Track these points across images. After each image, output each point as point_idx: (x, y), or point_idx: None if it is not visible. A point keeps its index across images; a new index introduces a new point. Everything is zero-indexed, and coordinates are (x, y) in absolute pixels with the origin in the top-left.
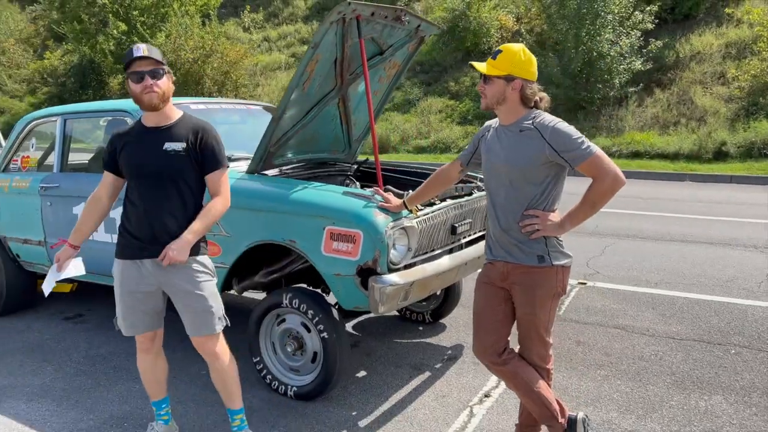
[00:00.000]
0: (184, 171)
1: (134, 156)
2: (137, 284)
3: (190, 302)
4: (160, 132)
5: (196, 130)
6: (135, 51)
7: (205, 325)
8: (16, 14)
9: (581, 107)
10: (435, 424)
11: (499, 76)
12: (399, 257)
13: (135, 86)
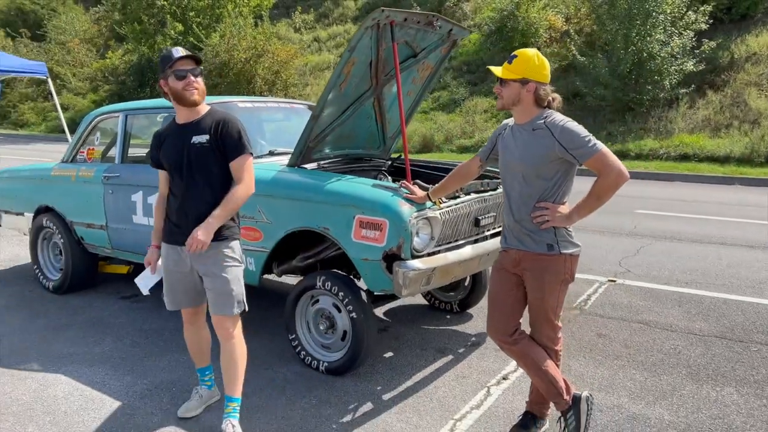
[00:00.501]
0: (209, 161)
1: (169, 151)
2: (176, 265)
3: (215, 283)
4: (189, 127)
5: (218, 121)
6: (175, 52)
7: (225, 306)
8: (81, 15)
9: (629, 108)
10: (453, 400)
11: (515, 79)
12: (422, 245)
13: (177, 83)
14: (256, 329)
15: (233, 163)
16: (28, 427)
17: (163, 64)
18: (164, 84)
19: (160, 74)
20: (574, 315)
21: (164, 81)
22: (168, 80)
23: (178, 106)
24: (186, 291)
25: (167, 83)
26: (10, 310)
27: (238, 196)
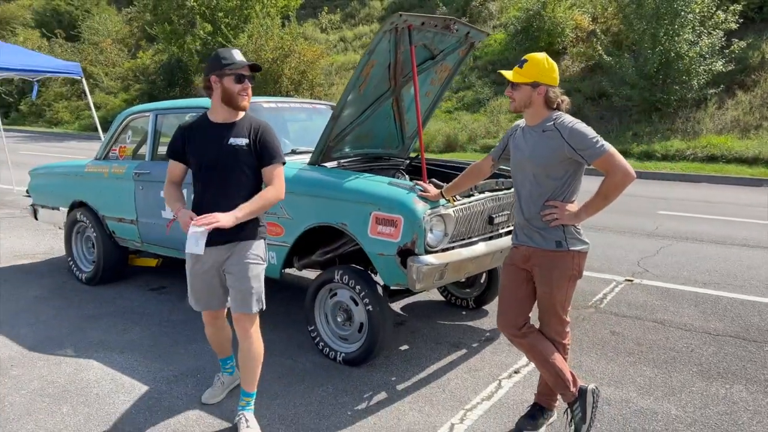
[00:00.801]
0: (245, 164)
1: (202, 149)
2: (202, 265)
3: (237, 281)
4: (225, 128)
5: (256, 127)
6: (238, 56)
7: (245, 304)
8: (113, 16)
9: (656, 109)
10: (464, 392)
11: (526, 83)
12: (435, 241)
13: (234, 86)
14: (278, 321)
15: (268, 168)
16: (62, 407)
17: (221, 62)
18: (216, 81)
19: (211, 70)
20: (589, 313)
21: (217, 78)
22: (223, 80)
23: (220, 105)
24: (211, 292)
25: (221, 82)
26: (46, 300)
27: (268, 197)
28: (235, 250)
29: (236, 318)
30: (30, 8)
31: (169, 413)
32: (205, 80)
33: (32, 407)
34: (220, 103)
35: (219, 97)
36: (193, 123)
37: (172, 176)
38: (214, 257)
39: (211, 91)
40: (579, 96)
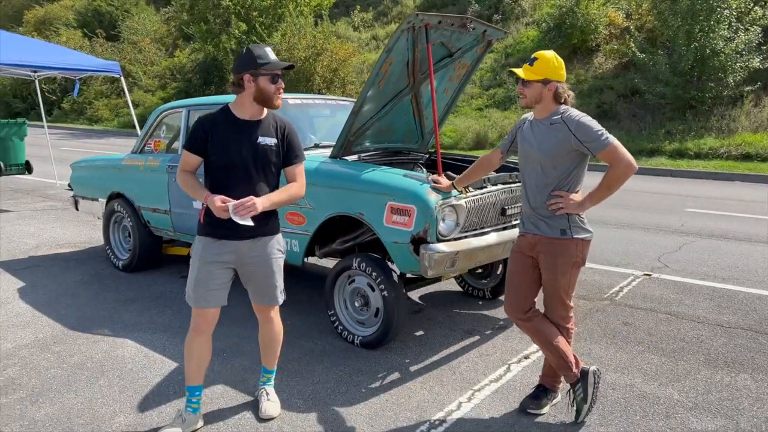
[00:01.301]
0: (273, 164)
1: (229, 146)
2: (218, 256)
3: (264, 275)
4: (253, 125)
5: (282, 126)
6: (272, 54)
7: (272, 296)
8: (152, 16)
9: (691, 106)
10: (474, 374)
11: (537, 80)
12: (447, 230)
13: (270, 86)
14: (299, 306)
15: (292, 167)
16: (100, 380)
17: (255, 61)
18: (250, 80)
19: (245, 67)
20: (604, 305)
21: (251, 77)
22: (258, 79)
23: (251, 102)
24: (221, 286)
25: (256, 81)
26: (86, 285)
27: (292, 192)
28: (258, 244)
29: (261, 309)
30: (72, 9)
31: None
32: (236, 77)
33: (72, 379)
34: (251, 101)
35: (251, 96)
36: (216, 117)
37: (187, 167)
38: (237, 250)
39: (241, 89)
40: (611, 93)
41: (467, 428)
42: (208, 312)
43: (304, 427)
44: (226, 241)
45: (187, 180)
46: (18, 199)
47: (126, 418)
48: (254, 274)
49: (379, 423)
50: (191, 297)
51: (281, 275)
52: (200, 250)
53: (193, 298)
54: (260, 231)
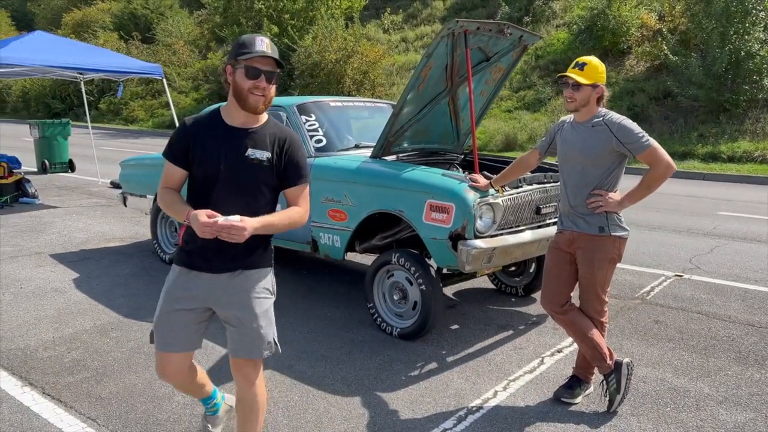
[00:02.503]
0: (264, 182)
1: (213, 156)
2: (186, 291)
3: (243, 320)
4: (244, 134)
5: (282, 139)
6: (259, 44)
7: (252, 348)
8: (185, 19)
9: (724, 109)
10: (509, 365)
11: (588, 84)
12: (484, 227)
13: (246, 81)
14: (339, 299)
15: (294, 189)
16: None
17: (237, 49)
18: (229, 72)
19: (229, 58)
20: (635, 304)
21: (230, 69)
22: (235, 72)
23: (234, 104)
24: (187, 327)
25: (233, 74)
26: (136, 277)
27: (293, 216)
28: (237, 281)
29: (238, 364)
30: (109, 12)
31: None
32: (223, 71)
33: (132, 361)
34: (235, 101)
35: (232, 93)
36: (201, 121)
37: (169, 182)
38: (207, 287)
39: (226, 84)
40: (643, 96)
41: (503, 415)
42: (172, 357)
43: (349, 410)
44: (200, 273)
45: (168, 197)
46: (63, 196)
47: (183, 398)
48: (232, 318)
49: (420, 408)
50: (156, 337)
51: (269, 322)
52: (169, 282)
53: (156, 338)
54: (243, 263)
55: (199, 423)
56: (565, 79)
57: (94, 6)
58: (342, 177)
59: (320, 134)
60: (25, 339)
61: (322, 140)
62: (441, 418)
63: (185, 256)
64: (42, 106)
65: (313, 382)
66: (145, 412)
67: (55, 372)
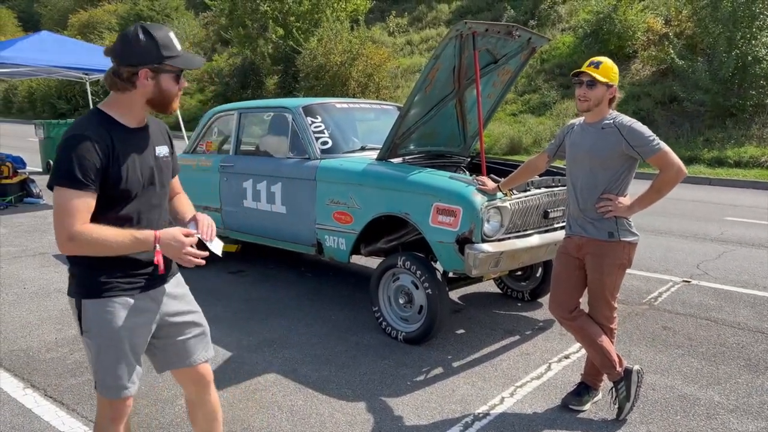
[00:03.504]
0: (168, 179)
1: (133, 166)
2: (143, 315)
3: (196, 323)
4: (147, 134)
5: (164, 129)
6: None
7: (208, 347)
8: (191, 21)
9: (731, 114)
10: (515, 371)
11: (604, 82)
12: (492, 231)
13: (174, 87)
14: (344, 303)
15: (176, 177)
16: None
17: (159, 51)
18: (148, 76)
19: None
20: (643, 309)
21: (151, 72)
22: (161, 77)
23: (142, 105)
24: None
25: (156, 79)
26: None
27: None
28: (177, 283)
29: (204, 369)
30: (115, 13)
31: (249, 375)
32: (127, 70)
33: None
34: (143, 103)
35: (146, 97)
36: (102, 132)
37: (86, 215)
38: (162, 299)
39: (130, 86)
40: (649, 100)
41: (510, 421)
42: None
43: (354, 414)
44: (150, 291)
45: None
46: None
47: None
48: (181, 325)
49: (425, 413)
50: (111, 387)
51: None
52: (120, 319)
53: (114, 387)
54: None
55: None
56: (579, 78)
57: (101, 7)
58: (348, 179)
59: (326, 136)
60: (28, 340)
61: (328, 142)
62: (447, 425)
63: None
64: (47, 106)
65: (317, 386)
66: (148, 416)
67: (58, 374)
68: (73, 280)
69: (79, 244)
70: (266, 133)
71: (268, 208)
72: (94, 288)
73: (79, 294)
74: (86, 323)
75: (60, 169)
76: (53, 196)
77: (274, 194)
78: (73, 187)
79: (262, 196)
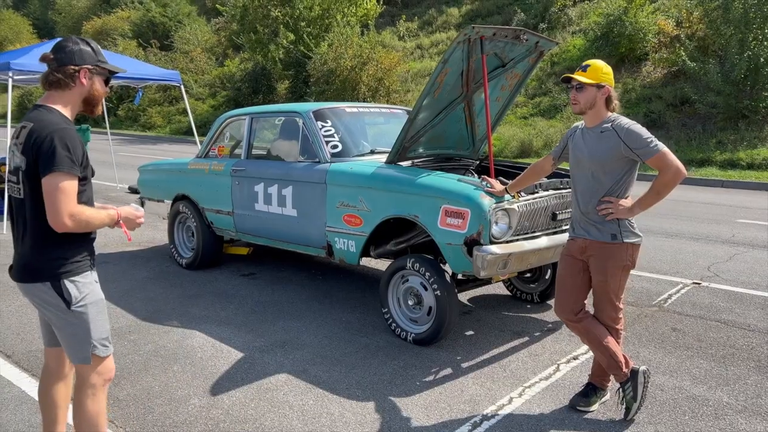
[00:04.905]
0: None
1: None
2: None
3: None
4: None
5: None
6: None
7: None
8: (203, 26)
9: (743, 116)
10: (524, 372)
11: (592, 84)
12: (500, 233)
13: (102, 87)
14: (354, 304)
15: None
16: (173, 366)
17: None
18: (87, 75)
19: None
20: (652, 311)
21: (89, 72)
22: (94, 78)
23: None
24: None
25: (92, 79)
26: (153, 281)
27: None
28: None
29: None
30: (128, 20)
31: (261, 375)
32: (68, 69)
33: (149, 364)
34: (80, 101)
35: (83, 95)
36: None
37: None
38: None
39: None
40: (660, 102)
41: (519, 422)
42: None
43: (364, 414)
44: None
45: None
46: None
47: (200, 401)
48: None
49: (434, 413)
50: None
51: None
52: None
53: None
54: None
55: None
56: (570, 83)
57: (114, 14)
58: (357, 182)
59: (336, 140)
60: None
61: (338, 146)
62: (456, 424)
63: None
64: None
65: (328, 386)
66: (162, 414)
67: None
68: (47, 265)
69: (77, 221)
70: (277, 138)
71: (279, 211)
72: (78, 266)
73: (59, 276)
74: (75, 298)
75: (55, 158)
76: (48, 181)
77: (285, 197)
78: (70, 172)
79: (273, 200)
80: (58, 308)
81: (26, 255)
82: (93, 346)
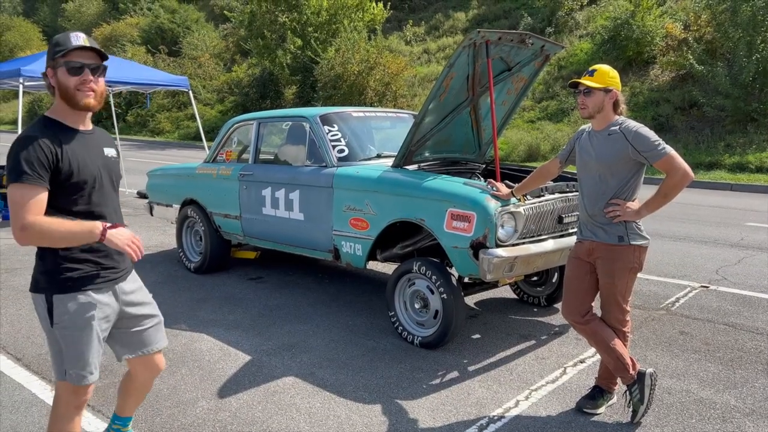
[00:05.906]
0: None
1: (86, 163)
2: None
3: (151, 315)
4: (92, 135)
5: (111, 138)
6: (74, 39)
7: (163, 336)
8: (211, 32)
9: (752, 119)
10: (531, 375)
11: (600, 88)
12: (506, 236)
13: (69, 79)
14: (361, 308)
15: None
16: (181, 369)
17: (53, 49)
18: (51, 75)
19: (46, 61)
20: (660, 314)
21: (51, 70)
22: (57, 72)
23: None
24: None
25: (55, 75)
26: (161, 285)
27: None
28: (134, 277)
29: (157, 359)
30: (137, 26)
31: (268, 378)
32: (43, 75)
33: None
34: (63, 104)
35: (58, 96)
36: (51, 133)
37: (39, 209)
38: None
39: (53, 90)
40: (668, 106)
41: (525, 424)
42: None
43: (370, 417)
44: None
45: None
46: None
47: (208, 404)
48: (138, 317)
49: (441, 416)
50: (80, 374)
51: None
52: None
53: (82, 374)
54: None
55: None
56: (577, 88)
57: (123, 21)
58: (364, 186)
59: (342, 144)
60: None
61: (345, 150)
62: (462, 427)
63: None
64: None
65: (335, 389)
66: (170, 417)
67: None
68: (42, 276)
69: (31, 234)
70: (284, 142)
71: (286, 215)
72: (66, 283)
73: (51, 290)
74: (59, 316)
75: (10, 167)
76: (8, 193)
77: (292, 201)
78: (21, 182)
79: (281, 204)
80: (45, 322)
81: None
82: (65, 373)
